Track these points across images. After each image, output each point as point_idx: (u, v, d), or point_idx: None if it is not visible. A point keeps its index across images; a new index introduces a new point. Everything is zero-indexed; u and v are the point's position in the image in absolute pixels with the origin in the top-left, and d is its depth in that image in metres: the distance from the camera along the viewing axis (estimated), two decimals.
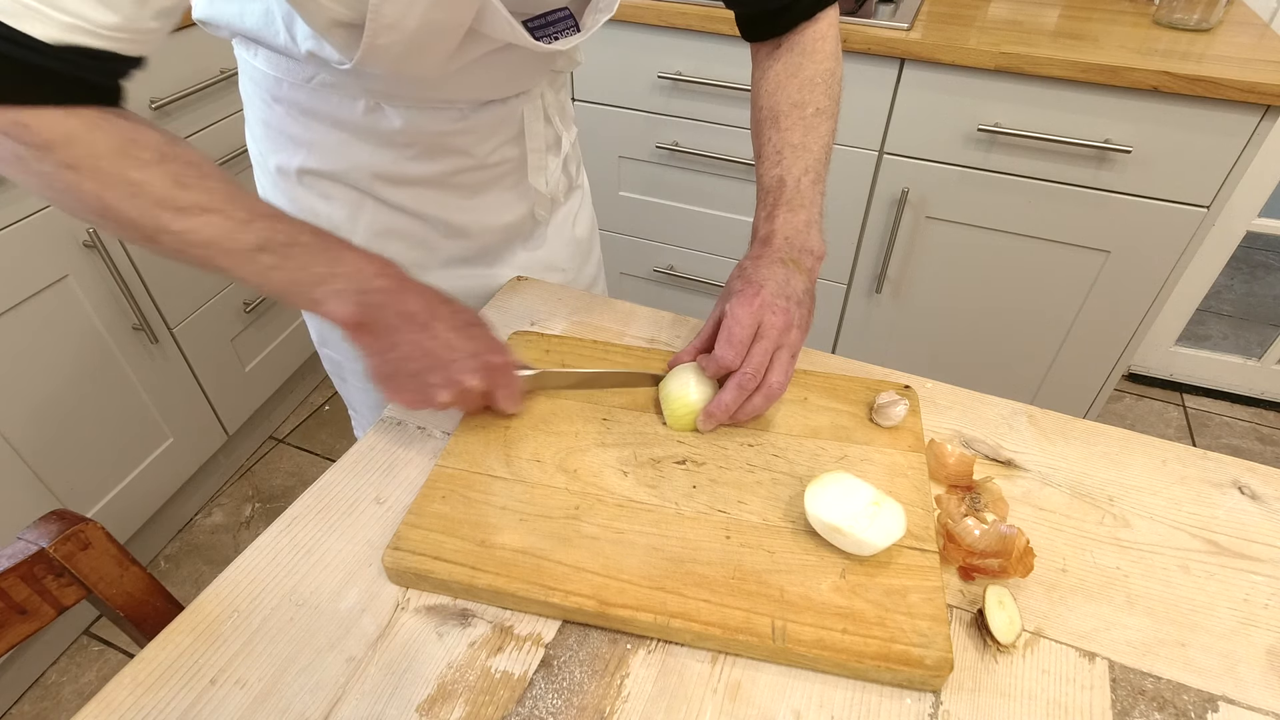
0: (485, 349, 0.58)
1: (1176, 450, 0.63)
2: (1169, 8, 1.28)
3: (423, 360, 0.56)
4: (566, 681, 0.47)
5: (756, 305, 0.59)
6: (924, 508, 0.55)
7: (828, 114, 0.68)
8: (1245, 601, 0.52)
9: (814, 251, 0.64)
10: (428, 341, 0.55)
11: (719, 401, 0.58)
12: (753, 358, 0.58)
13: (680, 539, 0.52)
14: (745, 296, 0.59)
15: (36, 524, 0.52)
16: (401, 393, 0.57)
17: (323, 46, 0.59)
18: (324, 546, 0.54)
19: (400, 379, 0.57)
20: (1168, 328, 1.88)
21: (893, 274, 1.50)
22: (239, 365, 1.57)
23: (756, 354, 0.58)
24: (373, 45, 0.54)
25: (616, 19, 1.38)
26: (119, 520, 1.37)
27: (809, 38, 0.69)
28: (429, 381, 0.56)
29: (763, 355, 0.58)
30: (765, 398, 0.59)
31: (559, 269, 0.89)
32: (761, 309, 0.59)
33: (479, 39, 0.58)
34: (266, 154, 0.74)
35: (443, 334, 0.56)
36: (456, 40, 0.57)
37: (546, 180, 0.80)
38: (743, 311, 0.58)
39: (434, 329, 0.55)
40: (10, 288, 1.10)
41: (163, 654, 0.47)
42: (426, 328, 0.55)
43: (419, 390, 0.57)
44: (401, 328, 0.55)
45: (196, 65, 1.32)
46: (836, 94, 0.69)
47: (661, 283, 1.75)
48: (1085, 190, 1.27)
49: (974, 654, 0.49)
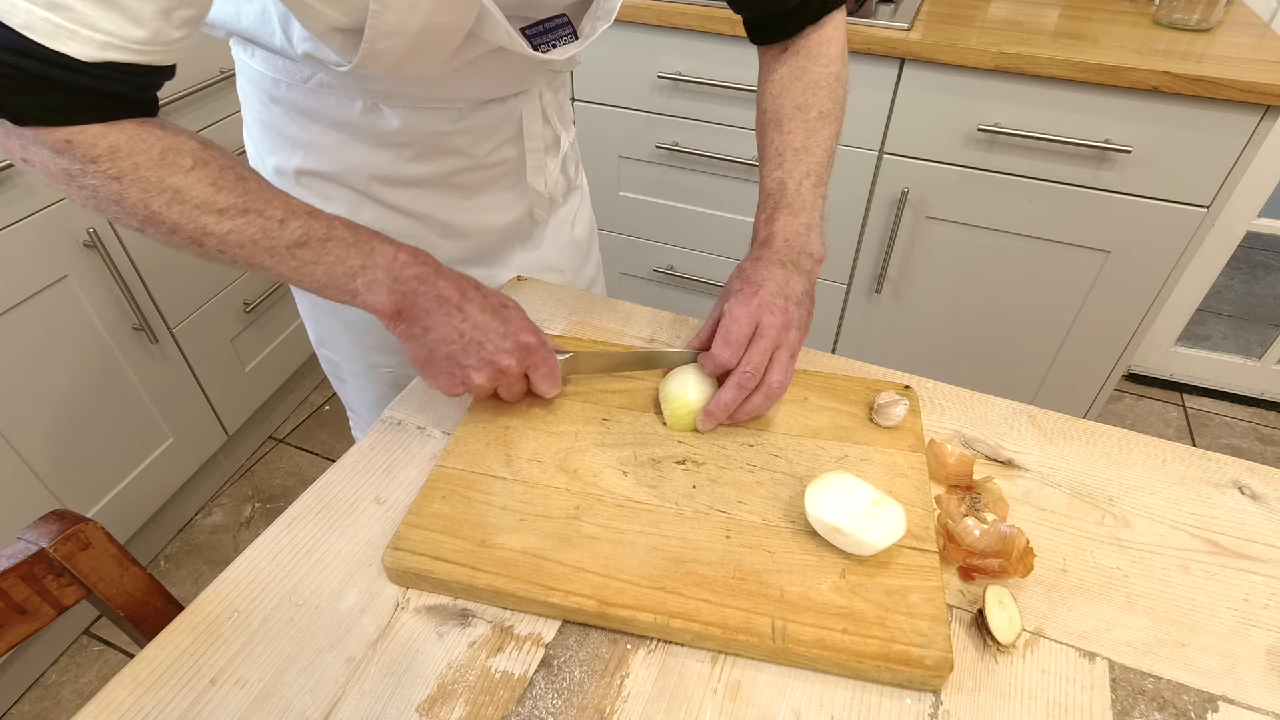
0: (519, 329, 0.58)
1: (1176, 450, 0.63)
2: (1169, 8, 1.28)
3: (457, 342, 0.56)
4: (566, 681, 0.47)
5: (755, 305, 0.59)
6: (924, 508, 0.55)
7: (831, 117, 0.68)
8: (1245, 601, 0.52)
9: (814, 254, 0.64)
10: (461, 323, 0.56)
11: (718, 400, 0.58)
12: (751, 357, 0.58)
13: (680, 539, 0.52)
14: (743, 296, 0.59)
15: (36, 524, 0.52)
16: (439, 377, 0.58)
17: (320, 48, 0.59)
18: (324, 546, 0.54)
19: (437, 363, 0.57)
20: (1168, 328, 1.88)
21: (893, 274, 1.50)
22: (239, 365, 1.57)
23: (755, 353, 0.58)
24: (372, 50, 0.54)
25: (616, 19, 1.38)
26: (119, 520, 1.37)
27: (815, 41, 0.69)
28: (464, 363, 0.57)
29: (761, 354, 0.58)
30: (765, 397, 0.59)
31: (557, 270, 0.89)
32: (760, 309, 0.59)
33: (476, 41, 0.59)
34: (264, 155, 0.74)
35: (476, 315, 0.56)
36: (455, 44, 0.57)
37: (545, 180, 0.80)
38: (741, 311, 0.58)
39: (467, 311, 0.56)
40: (10, 288, 1.10)
41: (163, 654, 0.47)
42: (459, 310, 0.56)
43: (455, 373, 0.57)
44: (435, 311, 0.56)
45: (196, 65, 1.32)
46: (841, 97, 0.70)
47: (661, 283, 1.75)
48: (1085, 190, 1.27)
49: (974, 654, 0.49)
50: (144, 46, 0.43)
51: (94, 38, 0.41)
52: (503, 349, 0.57)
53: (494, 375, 0.57)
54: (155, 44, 0.44)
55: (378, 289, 0.54)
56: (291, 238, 0.51)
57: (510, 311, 0.59)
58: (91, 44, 0.41)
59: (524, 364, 0.58)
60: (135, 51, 0.43)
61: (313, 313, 0.87)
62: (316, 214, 0.53)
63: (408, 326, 0.56)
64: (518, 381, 0.59)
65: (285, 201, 0.52)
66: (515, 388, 0.59)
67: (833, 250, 1.50)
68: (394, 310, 0.55)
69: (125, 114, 0.46)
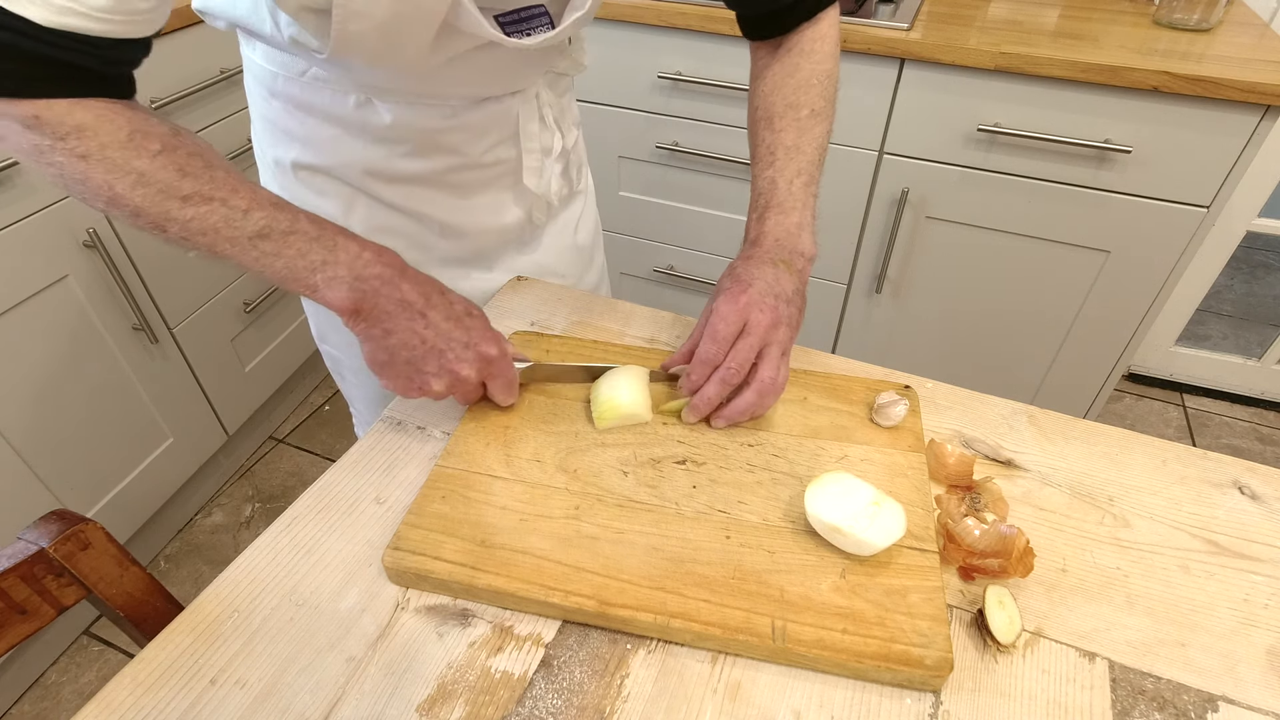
0: (480, 339, 0.58)
1: (1176, 450, 0.63)
2: (1169, 8, 1.28)
3: (417, 348, 0.56)
4: (566, 681, 0.47)
5: (743, 303, 0.59)
6: (924, 508, 0.55)
7: (823, 115, 0.68)
8: (1245, 601, 0.52)
9: (805, 253, 0.64)
10: (423, 330, 0.56)
11: (702, 395, 0.59)
12: (737, 353, 0.58)
13: (680, 539, 0.52)
14: (732, 294, 0.60)
15: (36, 524, 0.52)
16: (396, 380, 0.58)
17: (302, 33, 0.59)
18: (324, 546, 0.54)
19: (395, 366, 0.57)
20: (1168, 328, 1.88)
21: (893, 274, 1.50)
22: (239, 365, 1.57)
23: (740, 350, 0.58)
24: (343, 32, 0.54)
25: (616, 19, 1.38)
26: (119, 520, 1.37)
27: (809, 38, 0.69)
28: (423, 370, 0.57)
29: (747, 351, 0.58)
30: (758, 394, 0.59)
31: (558, 275, 0.88)
32: (748, 306, 0.59)
33: (459, 34, 0.59)
34: (266, 148, 0.75)
35: (438, 323, 0.56)
36: (431, 32, 0.57)
37: (543, 183, 0.80)
38: (728, 308, 0.59)
39: (429, 318, 0.56)
40: (10, 288, 1.10)
41: (163, 654, 0.47)
42: (422, 316, 0.56)
43: (414, 378, 0.57)
44: (397, 315, 0.55)
45: (196, 65, 1.32)
46: (833, 95, 0.70)
47: (661, 283, 1.75)
48: (1085, 190, 1.27)
49: (974, 654, 0.49)
50: (106, 15, 0.43)
51: (52, 2, 0.41)
52: (463, 359, 0.57)
53: (452, 383, 0.57)
54: (118, 13, 0.44)
55: (338, 285, 0.53)
56: (254, 228, 0.51)
57: (473, 320, 0.59)
58: (50, 8, 0.41)
59: (483, 374, 0.58)
60: (97, 20, 0.43)
61: (314, 307, 0.87)
62: (283, 206, 0.53)
63: (367, 326, 0.56)
64: (475, 390, 0.59)
65: (251, 192, 0.52)
66: (471, 395, 0.60)
67: (833, 250, 1.50)
68: (353, 308, 0.54)
69: (94, 92, 0.46)
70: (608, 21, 1.38)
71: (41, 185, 1.10)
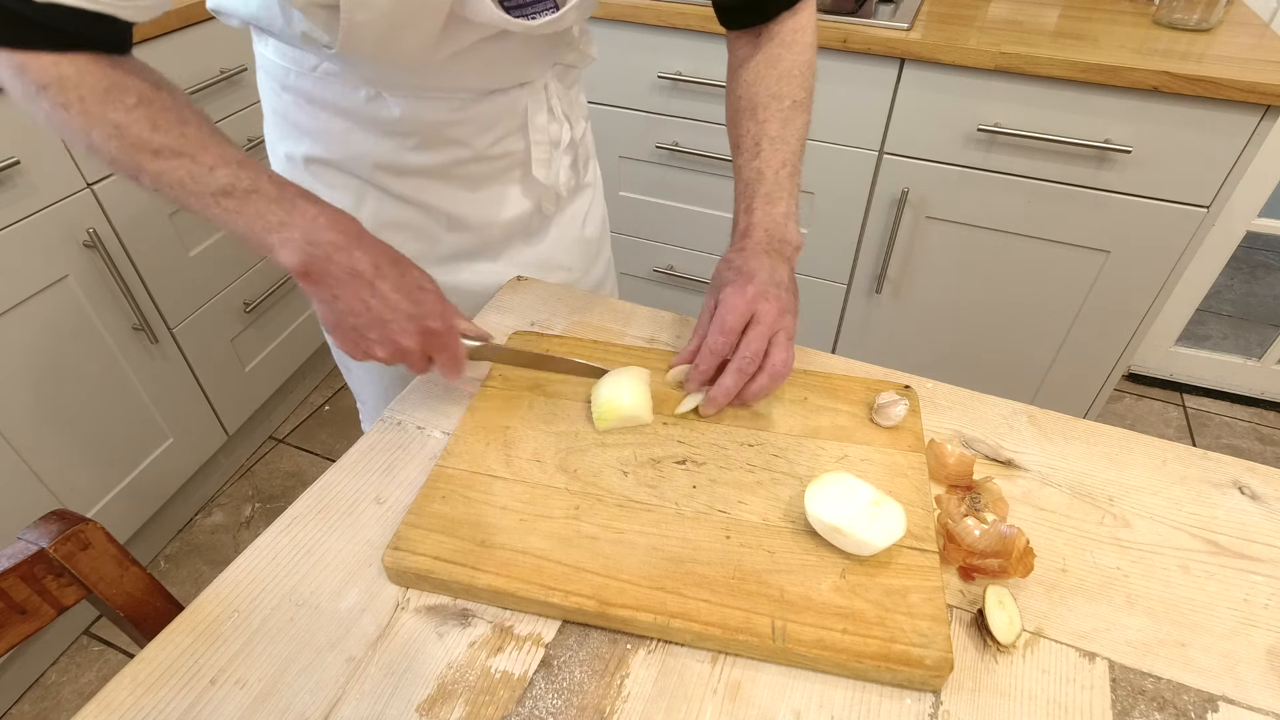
0: (428, 313, 0.58)
1: (1176, 450, 0.63)
2: (1169, 8, 1.28)
3: (362, 315, 0.57)
4: (566, 681, 0.47)
5: (751, 294, 0.60)
6: (924, 508, 0.55)
7: (804, 106, 0.69)
8: (1245, 601, 0.52)
9: (792, 242, 0.66)
10: (369, 298, 0.56)
11: (720, 386, 0.59)
12: (750, 342, 0.59)
13: (680, 539, 0.52)
14: (738, 286, 0.60)
15: (36, 524, 0.52)
16: (343, 342, 0.59)
17: (314, 28, 0.60)
18: (324, 546, 0.54)
19: (342, 330, 0.58)
20: (1168, 328, 1.88)
21: (893, 274, 1.50)
22: (239, 365, 1.57)
23: (753, 339, 0.59)
24: (351, 23, 0.55)
25: (616, 19, 1.38)
26: (119, 520, 1.37)
27: (789, 29, 0.69)
28: (367, 336, 0.57)
29: (760, 340, 0.59)
30: (771, 378, 0.60)
31: (564, 268, 0.88)
32: (756, 297, 0.60)
33: (466, 25, 0.59)
34: (277, 142, 0.76)
35: (386, 293, 0.57)
36: (437, 23, 0.58)
37: (551, 174, 0.80)
38: (737, 300, 0.59)
39: (377, 287, 0.56)
40: (10, 288, 1.10)
41: (163, 654, 0.47)
42: (370, 285, 0.56)
43: (358, 343, 0.58)
44: (346, 281, 0.56)
45: (197, 65, 1.32)
46: (812, 87, 0.71)
47: (661, 283, 1.75)
48: (1085, 190, 1.27)
49: (974, 654, 0.49)
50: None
51: None
52: (406, 330, 0.57)
53: (394, 352, 0.58)
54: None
55: (290, 247, 0.54)
56: (217, 185, 0.52)
57: (425, 294, 0.59)
58: None
59: (425, 347, 0.58)
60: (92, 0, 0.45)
61: None
62: (248, 165, 0.54)
63: (317, 289, 0.56)
64: (420, 361, 0.59)
65: (220, 149, 0.53)
66: (418, 366, 0.60)
67: (833, 250, 1.50)
68: (303, 270, 0.55)
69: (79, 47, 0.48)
70: (608, 21, 1.38)
71: (42, 185, 1.10)
